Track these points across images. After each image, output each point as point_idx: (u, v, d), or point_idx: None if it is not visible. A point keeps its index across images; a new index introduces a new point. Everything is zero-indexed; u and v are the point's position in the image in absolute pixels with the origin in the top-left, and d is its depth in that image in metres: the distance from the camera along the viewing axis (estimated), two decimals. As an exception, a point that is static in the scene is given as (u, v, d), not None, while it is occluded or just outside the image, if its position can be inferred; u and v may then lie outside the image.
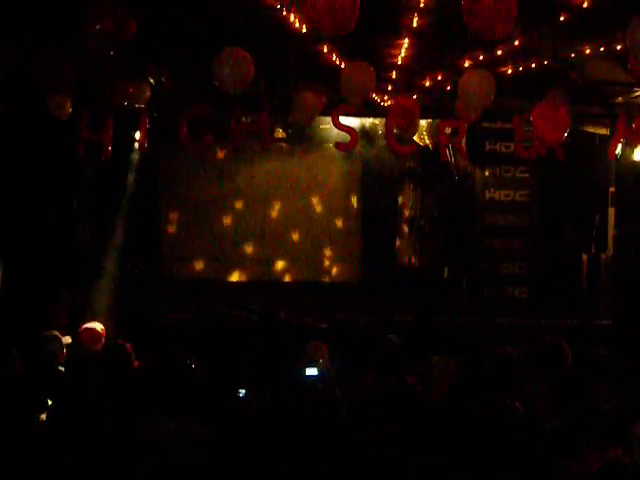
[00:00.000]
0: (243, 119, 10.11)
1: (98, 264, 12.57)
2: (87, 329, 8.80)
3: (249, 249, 14.88)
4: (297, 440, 4.98)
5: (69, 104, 9.19)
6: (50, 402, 6.22)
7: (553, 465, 4.91)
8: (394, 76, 9.94)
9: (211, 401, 5.94)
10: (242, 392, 6.35)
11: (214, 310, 12.53)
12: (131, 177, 12.92)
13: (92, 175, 12.51)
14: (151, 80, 9.28)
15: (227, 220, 14.84)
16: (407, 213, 14.99)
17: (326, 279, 15.04)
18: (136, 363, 7.39)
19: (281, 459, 4.82)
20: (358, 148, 10.63)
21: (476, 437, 5.13)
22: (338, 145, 10.31)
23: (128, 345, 7.41)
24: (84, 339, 8.68)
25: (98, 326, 8.82)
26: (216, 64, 8.03)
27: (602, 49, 8.65)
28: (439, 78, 10.04)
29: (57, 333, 8.09)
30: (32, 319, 9.85)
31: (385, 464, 4.71)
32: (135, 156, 12.18)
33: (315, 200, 14.99)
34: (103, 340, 8.67)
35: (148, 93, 9.51)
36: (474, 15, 6.19)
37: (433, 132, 11.48)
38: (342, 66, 8.94)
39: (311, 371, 6.42)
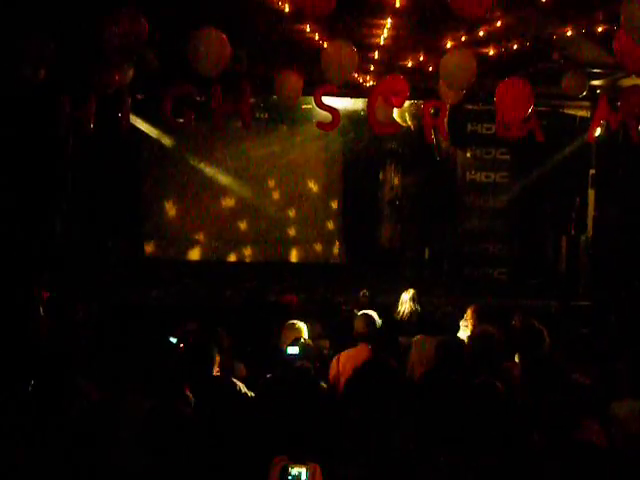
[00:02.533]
0: (224, 98, 10.07)
1: (79, 244, 12.52)
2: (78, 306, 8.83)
3: (233, 229, 14.89)
4: (280, 416, 5.02)
5: (43, 70, 9.01)
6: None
7: (528, 441, 4.95)
8: (376, 56, 9.92)
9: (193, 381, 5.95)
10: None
11: (198, 291, 12.53)
12: (113, 156, 12.86)
13: (73, 153, 12.42)
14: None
15: (211, 201, 14.83)
16: (388, 194, 15.03)
17: (308, 259, 15.06)
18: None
19: (265, 436, 4.85)
20: (340, 128, 10.61)
21: (455, 414, 5.17)
22: (320, 125, 10.28)
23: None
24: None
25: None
26: (191, 46, 7.98)
27: (584, 31, 8.67)
28: (421, 59, 10.04)
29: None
30: (12, 299, 9.79)
31: (365, 440, 4.75)
32: (117, 134, 12.10)
33: (296, 180, 15.00)
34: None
35: (131, 74, 9.46)
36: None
37: (415, 113, 11.47)
38: (324, 46, 8.92)
39: (292, 350, 6.45)
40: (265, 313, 9.16)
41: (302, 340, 6.77)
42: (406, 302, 9.67)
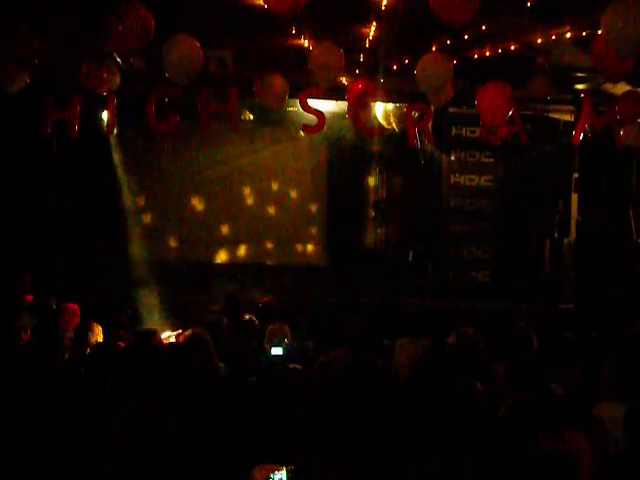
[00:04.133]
0: (210, 101, 10.06)
1: (62, 245, 12.47)
2: (64, 308, 8.78)
3: (217, 231, 14.87)
4: (265, 417, 5.02)
5: (26, 76, 8.97)
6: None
7: (510, 446, 4.97)
8: (362, 59, 9.94)
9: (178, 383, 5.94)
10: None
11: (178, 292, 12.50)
12: (97, 157, 12.82)
13: (57, 155, 12.37)
14: (118, 60, 9.19)
15: (195, 202, 14.81)
16: (373, 197, 15.04)
17: (293, 262, 15.05)
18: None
19: (250, 438, 4.85)
20: (325, 131, 10.62)
21: (438, 416, 5.19)
22: (305, 128, 10.29)
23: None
24: (61, 318, 8.64)
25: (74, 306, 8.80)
26: (164, 53, 7.95)
27: (568, 35, 8.72)
28: (406, 62, 10.06)
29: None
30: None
31: (349, 440, 4.76)
32: (102, 136, 12.05)
33: (281, 183, 15.00)
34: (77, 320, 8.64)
35: (118, 81, 9.43)
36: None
37: (400, 116, 11.49)
38: (310, 48, 8.93)
39: (276, 351, 6.48)
40: (247, 315, 9.17)
41: (285, 341, 6.79)
42: None
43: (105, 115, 10.47)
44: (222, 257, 14.97)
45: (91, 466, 4.72)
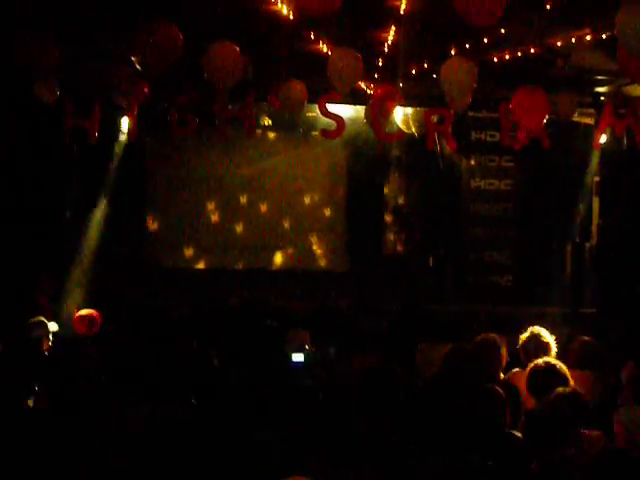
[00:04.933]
0: (229, 106, 10.08)
1: (80, 250, 12.50)
2: (83, 315, 8.79)
3: (236, 237, 14.88)
4: (284, 425, 5.00)
5: (56, 89, 9.11)
6: (37, 388, 6.20)
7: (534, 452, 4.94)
8: (381, 64, 9.92)
9: (193, 386, 5.94)
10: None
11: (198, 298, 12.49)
12: (117, 163, 12.86)
13: (77, 160, 12.42)
14: (138, 67, 9.24)
15: (213, 208, 14.83)
16: (392, 201, 15.02)
17: (312, 267, 15.04)
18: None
19: (269, 444, 4.82)
20: (344, 136, 10.61)
21: (458, 421, 5.17)
22: (324, 133, 10.28)
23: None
24: (78, 324, 8.66)
25: (93, 312, 8.81)
26: (205, 58, 8.05)
27: (588, 37, 8.66)
28: (425, 66, 10.04)
29: (43, 319, 8.05)
30: (12, 304, 9.79)
31: (371, 448, 4.74)
32: (121, 142, 12.09)
33: (301, 188, 15.01)
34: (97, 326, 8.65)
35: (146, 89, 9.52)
36: (462, 2, 6.20)
37: (419, 120, 11.46)
38: (329, 53, 8.92)
39: (297, 357, 6.46)
40: (268, 320, 9.16)
41: (307, 347, 6.77)
42: None
43: (125, 122, 10.52)
44: (244, 263, 14.97)
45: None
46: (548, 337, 6.81)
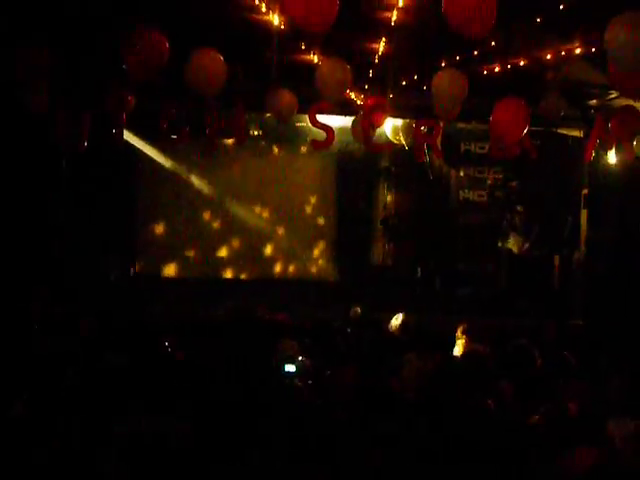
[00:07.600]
0: (218, 116, 10.07)
1: (74, 261, 12.46)
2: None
3: (226, 247, 14.86)
4: (277, 435, 4.98)
5: (46, 98, 9.07)
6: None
7: (527, 463, 4.93)
8: (371, 75, 9.95)
9: (190, 397, 5.91)
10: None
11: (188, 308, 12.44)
12: (108, 173, 12.84)
13: (69, 171, 12.38)
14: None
15: (205, 218, 14.81)
16: (381, 212, 15.03)
17: (301, 276, 15.03)
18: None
19: (262, 456, 4.80)
20: (334, 147, 10.62)
21: (449, 433, 5.16)
22: (314, 143, 10.29)
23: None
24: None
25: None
26: (188, 66, 8.02)
27: (578, 51, 8.70)
28: (415, 77, 10.06)
29: None
30: (8, 316, 9.73)
31: (364, 459, 4.73)
32: (112, 152, 12.07)
33: (289, 198, 14.99)
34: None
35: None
36: (455, 13, 6.21)
37: (409, 131, 11.49)
38: (319, 63, 8.94)
39: (289, 368, 6.45)
40: (257, 331, 9.13)
41: (300, 358, 6.75)
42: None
43: (114, 131, 10.50)
44: (231, 273, 14.93)
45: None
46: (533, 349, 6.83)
